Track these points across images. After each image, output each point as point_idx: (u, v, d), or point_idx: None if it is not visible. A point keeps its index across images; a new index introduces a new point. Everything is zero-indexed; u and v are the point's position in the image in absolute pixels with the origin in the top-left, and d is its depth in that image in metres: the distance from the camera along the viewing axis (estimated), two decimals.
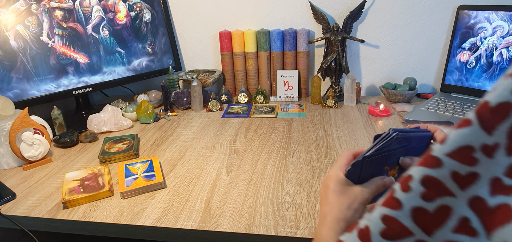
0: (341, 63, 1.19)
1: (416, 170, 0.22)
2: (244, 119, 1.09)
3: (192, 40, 1.35)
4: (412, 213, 0.22)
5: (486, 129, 0.20)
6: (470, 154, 0.20)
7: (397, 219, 0.23)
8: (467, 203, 0.21)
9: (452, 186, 0.21)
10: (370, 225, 0.24)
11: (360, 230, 0.24)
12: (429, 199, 0.22)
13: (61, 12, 1.06)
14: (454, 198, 0.21)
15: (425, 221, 0.22)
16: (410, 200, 0.22)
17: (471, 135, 0.20)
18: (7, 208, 0.69)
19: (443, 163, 0.21)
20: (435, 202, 0.22)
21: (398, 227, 0.23)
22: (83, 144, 0.97)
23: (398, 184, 0.23)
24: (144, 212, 0.66)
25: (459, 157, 0.21)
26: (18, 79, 0.99)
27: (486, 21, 1.06)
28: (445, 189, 0.21)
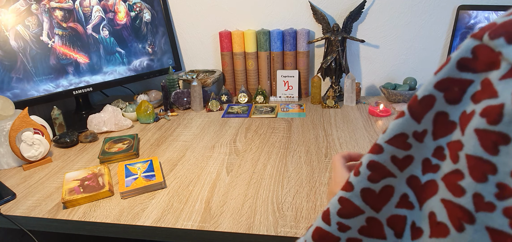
0: (341, 63, 1.19)
1: (364, 157, 0.26)
2: (244, 119, 1.09)
3: (192, 40, 1.35)
4: (361, 193, 0.26)
5: (416, 118, 0.23)
6: (405, 140, 0.24)
7: (350, 199, 0.26)
8: (405, 181, 0.24)
9: (392, 168, 0.25)
10: (330, 207, 0.27)
11: (323, 212, 0.28)
12: (375, 181, 0.25)
13: (61, 12, 1.06)
14: (395, 178, 0.25)
15: (373, 200, 0.25)
16: (360, 182, 0.26)
17: (404, 124, 0.24)
18: (7, 208, 0.69)
19: (384, 149, 0.25)
20: (379, 183, 0.25)
21: (351, 207, 0.26)
22: (83, 144, 0.98)
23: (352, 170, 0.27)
24: (144, 212, 0.66)
25: (396, 143, 0.24)
26: (18, 79, 0.99)
27: (486, 21, 1.06)
28: (387, 171, 0.25)
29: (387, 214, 0.25)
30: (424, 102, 0.23)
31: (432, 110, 0.23)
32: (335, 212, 0.27)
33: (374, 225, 0.26)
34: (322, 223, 0.28)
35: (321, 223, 0.28)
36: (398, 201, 0.25)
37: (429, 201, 0.23)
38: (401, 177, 0.24)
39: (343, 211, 0.26)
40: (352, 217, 0.26)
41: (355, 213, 0.26)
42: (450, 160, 0.22)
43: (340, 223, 0.26)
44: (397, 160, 0.24)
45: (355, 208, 0.26)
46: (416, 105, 0.23)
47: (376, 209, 0.25)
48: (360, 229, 0.26)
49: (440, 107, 0.23)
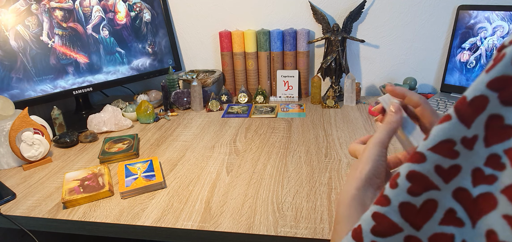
0: (341, 63, 1.19)
1: (403, 166, 0.23)
2: (244, 119, 1.09)
3: (192, 40, 1.35)
4: (400, 208, 0.23)
5: (465, 122, 0.21)
6: (451, 148, 0.21)
7: (386, 215, 0.23)
8: (451, 195, 0.22)
9: (436, 180, 0.22)
10: (362, 223, 0.24)
11: (353, 229, 0.25)
12: (415, 194, 0.22)
13: (61, 12, 1.06)
14: (438, 191, 0.22)
15: (413, 216, 0.23)
16: (397, 195, 0.23)
17: (451, 129, 0.21)
18: (7, 208, 0.69)
19: (427, 158, 0.22)
20: (421, 196, 0.22)
21: (387, 223, 0.23)
22: (83, 144, 0.98)
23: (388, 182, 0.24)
24: (144, 212, 0.66)
25: (441, 150, 0.22)
26: (18, 79, 0.99)
27: (486, 21, 1.06)
28: (430, 183, 0.22)
29: (429, 232, 0.22)
30: (475, 104, 0.20)
31: (485, 113, 0.20)
32: (368, 229, 0.24)
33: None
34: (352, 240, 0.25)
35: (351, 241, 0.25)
36: (443, 217, 0.22)
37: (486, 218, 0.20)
38: (446, 190, 0.22)
39: (378, 228, 0.23)
40: (389, 235, 0.23)
41: (392, 231, 0.23)
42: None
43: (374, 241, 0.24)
44: (442, 170, 0.22)
45: (392, 225, 0.23)
46: (466, 107, 0.21)
47: (416, 227, 0.22)
48: None
49: (494, 110, 0.20)
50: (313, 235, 0.57)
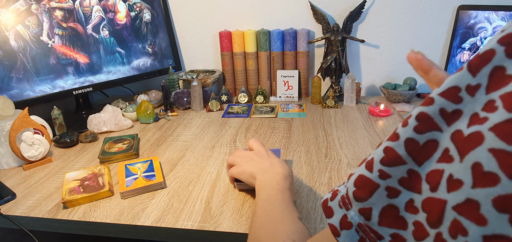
0: (341, 63, 1.19)
1: (415, 109, 0.26)
2: (244, 119, 1.09)
3: (192, 40, 1.35)
4: (405, 143, 0.25)
5: (471, 72, 0.23)
6: (457, 93, 0.24)
7: (394, 148, 0.26)
8: (449, 137, 0.24)
9: (440, 122, 0.24)
10: (374, 156, 0.27)
11: (367, 161, 0.28)
12: (420, 132, 0.25)
13: (61, 12, 1.06)
14: (441, 133, 0.24)
15: (416, 152, 0.25)
16: (405, 132, 0.25)
17: (460, 77, 0.24)
18: (7, 208, 0.69)
19: (435, 101, 0.24)
20: (424, 135, 0.24)
21: (394, 155, 0.26)
22: (83, 144, 0.98)
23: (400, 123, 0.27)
24: (144, 212, 0.66)
25: (447, 95, 0.24)
26: (18, 79, 0.99)
27: (486, 21, 1.06)
28: (434, 124, 0.24)
29: (427, 169, 0.24)
30: (484, 57, 0.23)
31: (490, 64, 0.22)
32: (378, 160, 0.27)
33: (414, 178, 0.25)
34: (365, 170, 0.28)
35: (364, 170, 0.28)
36: (440, 156, 0.24)
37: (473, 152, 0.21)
38: (447, 131, 0.24)
39: (386, 159, 0.26)
40: (394, 166, 0.26)
41: (397, 162, 0.25)
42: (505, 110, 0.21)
43: (381, 170, 0.26)
44: (445, 114, 0.24)
45: (397, 157, 0.25)
46: (475, 59, 0.23)
47: (418, 162, 0.25)
48: (400, 180, 0.26)
49: (499, 62, 0.22)
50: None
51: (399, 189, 0.26)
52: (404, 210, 0.25)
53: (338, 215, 0.29)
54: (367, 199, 0.27)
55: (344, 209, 0.29)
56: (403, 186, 0.26)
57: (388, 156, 0.26)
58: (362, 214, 0.27)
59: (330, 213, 0.30)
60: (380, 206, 0.26)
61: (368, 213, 0.27)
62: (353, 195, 0.28)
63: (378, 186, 0.26)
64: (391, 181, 0.26)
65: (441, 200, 0.23)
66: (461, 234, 0.21)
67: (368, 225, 0.27)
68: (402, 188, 0.26)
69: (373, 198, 0.27)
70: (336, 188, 0.31)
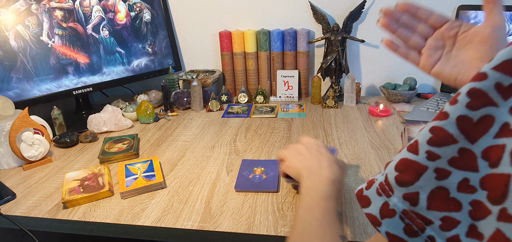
0: (341, 63, 1.19)
1: (464, 86, 0.24)
2: (244, 119, 1.09)
3: (192, 40, 1.35)
4: (457, 121, 0.23)
5: None
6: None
7: (443, 127, 0.24)
8: (509, 110, 0.22)
9: (495, 97, 0.22)
10: (419, 138, 0.26)
11: (409, 144, 0.26)
12: (474, 108, 0.23)
13: (61, 12, 1.06)
14: (497, 108, 0.22)
15: (469, 129, 0.23)
16: (456, 110, 0.24)
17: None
18: (7, 208, 0.69)
19: (488, 75, 0.23)
20: (479, 111, 0.23)
21: (444, 134, 0.24)
22: (83, 144, 0.98)
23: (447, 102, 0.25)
24: (144, 212, 0.66)
25: (503, 68, 0.22)
26: (18, 79, 0.99)
27: None
28: (489, 99, 0.23)
29: (483, 145, 0.23)
30: None
31: None
32: (424, 141, 0.25)
33: (467, 157, 0.24)
34: (409, 153, 0.26)
35: (407, 154, 0.26)
36: (498, 131, 0.22)
37: None
38: (504, 106, 0.22)
39: (435, 139, 0.24)
40: (444, 145, 0.24)
41: (447, 141, 0.24)
42: None
43: (429, 151, 0.25)
44: (501, 88, 0.22)
45: (448, 136, 0.24)
46: None
47: (471, 140, 0.23)
48: (450, 160, 0.24)
49: None
50: None
51: (449, 169, 0.24)
52: (456, 190, 0.24)
53: (377, 203, 0.27)
54: (414, 182, 0.25)
55: (385, 196, 0.27)
56: (454, 166, 0.24)
57: (438, 135, 0.24)
58: (407, 200, 0.26)
59: (366, 202, 0.28)
60: (428, 189, 0.25)
61: (415, 198, 0.25)
62: (396, 179, 0.26)
63: (425, 168, 0.25)
64: (441, 162, 0.24)
65: (504, 174, 0.21)
66: None
67: (415, 210, 0.25)
68: (452, 169, 0.24)
69: (420, 181, 0.25)
70: (372, 178, 0.30)
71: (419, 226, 0.25)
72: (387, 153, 0.83)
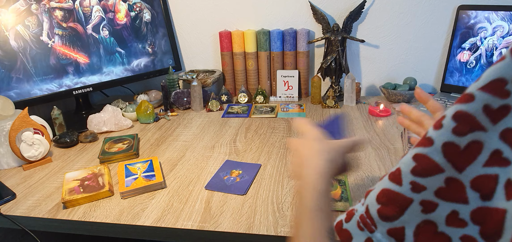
0: (341, 63, 1.19)
1: (449, 109, 0.22)
2: (244, 119, 1.09)
3: (192, 40, 1.35)
4: (443, 148, 0.22)
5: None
6: (503, 87, 0.20)
7: (428, 155, 0.22)
8: (498, 136, 0.21)
9: (483, 120, 0.21)
10: (401, 166, 0.24)
11: (391, 173, 0.24)
12: (461, 134, 0.21)
13: (61, 12, 1.06)
14: (485, 132, 0.21)
15: (456, 157, 0.22)
16: (441, 135, 0.22)
17: (504, 67, 0.20)
18: (7, 208, 0.69)
19: (476, 97, 0.21)
20: (466, 137, 0.21)
21: (428, 164, 0.22)
22: (83, 144, 0.97)
23: (431, 125, 0.23)
24: (144, 212, 0.66)
25: (491, 89, 0.20)
26: (18, 79, 0.99)
27: (486, 21, 1.06)
28: (477, 124, 0.21)
29: (472, 175, 0.21)
30: None
31: None
32: (408, 170, 0.23)
33: (455, 187, 0.22)
34: (391, 183, 0.24)
35: (390, 184, 0.24)
36: (488, 159, 0.21)
37: None
38: (493, 131, 0.21)
39: (419, 168, 0.23)
40: (429, 176, 0.22)
41: (432, 171, 0.22)
42: None
43: (413, 182, 0.23)
44: (490, 111, 0.21)
45: (433, 165, 0.22)
46: None
47: (458, 169, 0.22)
48: (437, 191, 0.22)
49: None
50: None
51: (436, 201, 0.22)
52: (444, 224, 0.22)
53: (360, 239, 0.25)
54: (398, 216, 0.23)
55: (367, 231, 0.25)
56: (441, 198, 0.22)
57: (422, 164, 0.23)
58: (392, 236, 0.24)
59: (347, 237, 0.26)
60: (414, 224, 0.23)
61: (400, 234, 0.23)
62: (378, 213, 0.24)
63: (411, 200, 0.23)
64: (427, 194, 0.23)
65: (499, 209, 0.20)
66: None
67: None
68: (440, 200, 0.22)
69: (405, 215, 0.23)
70: (351, 208, 0.27)
71: None
72: (387, 153, 0.83)
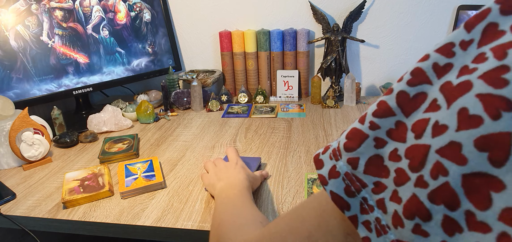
0: (341, 63, 1.19)
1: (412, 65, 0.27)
2: (244, 119, 1.09)
3: (192, 40, 1.35)
4: (397, 95, 0.26)
5: (467, 28, 0.24)
6: (451, 49, 0.25)
7: (386, 101, 0.27)
8: (439, 88, 0.25)
9: (431, 75, 0.25)
10: (368, 110, 0.29)
11: (361, 116, 0.29)
12: (412, 84, 0.26)
13: (61, 12, 1.06)
14: (430, 85, 0.25)
15: (405, 103, 0.26)
16: (399, 86, 0.27)
17: (456, 34, 0.25)
18: (7, 208, 0.69)
19: (430, 56, 0.26)
20: (415, 87, 0.26)
21: (385, 107, 0.27)
22: (83, 144, 0.98)
23: None
24: (144, 212, 0.66)
25: (442, 50, 0.25)
26: (18, 79, 0.99)
27: None
28: (425, 77, 0.25)
29: (414, 119, 0.25)
30: (480, 15, 0.24)
31: (484, 21, 0.24)
32: (371, 113, 0.28)
33: (400, 129, 0.26)
34: (357, 123, 0.29)
35: (357, 123, 0.29)
36: (427, 107, 0.25)
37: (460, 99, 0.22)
38: (436, 84, 0.25)
39: (378, 111, 0.27)
40: (383, 117, 0.27)
41: (386, 113, 0.27)
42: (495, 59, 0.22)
43: (372, 122, 0.27)
44: (437, 67, 0.25)
45: (388, 109, 0.26)
46: (472, 17, 0.24)
47: (405, 113, 0.26)
48: (388, 131, 0.27)
49: (493, 19, 0.23)
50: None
51: (385, 139, 0.27)
52: (387, 159, 0.26)
53: (328, 166, 0.30)
54: (356, 149, 0.28)
55: (334, 160, 0.30)
56: (390, 137, 0.27)
57: (380, 107, 0.27)
58: (349, 164, 0.28)
59: (320, 164, 0.31)
60: (367, 156, 0.27)
61: (356, 162, 0.28)
62: (344, 146, 0.29)
63: (367, 136, 0.27)
64: (380, 132, 0.27)
65: (425, 145, 0.24)
66: (442, 174, 0.22)
67: (354, 173, 0.28)
68: (388, 139, 0.27)
69: (361, 148, 0.28)
70: (329, 144, 0.32)
71: (356, 187, 0.28)
72: None
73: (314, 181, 0.71)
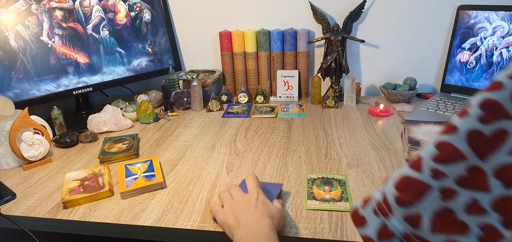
0: (341, 63, 1.19)
1: (476, 97, 0.22)
2: (244, 119, 1.09)
3: (192, 40, 1.35)
4: (468, 136, 0.22)
5: None
6: None
7: (451, 143, 0.22)
8: None
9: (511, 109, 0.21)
10: (423, 154, 0.24)
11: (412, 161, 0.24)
12: (487, 122, 0.21)
13: (61, 12, 1.06)
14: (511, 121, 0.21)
15: (480, 145, 0.21)
16: (467, 123, 0.22)
17: None
18: (7, 208, 0.69)
19: (504, 85, 0.21)
20: (492, 125, 0.21)
21: (451, 150, 0.22)
22: (83, 144, 0.97)
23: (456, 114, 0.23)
24: (144, 212, 0.66)
25: None
26: (18, 79, 0.99)
27: (486, 21, 1.06)
28: (504, 112, 0.21)
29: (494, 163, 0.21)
30: None
31: None
32: (429, 157, 0.23)
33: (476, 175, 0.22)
34: (410, 170, 0.24)
35: (409, 171, 0.24)
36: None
37: None
38: None
39: (441, 155, 0.22)
40: (451, 163, 0.22)
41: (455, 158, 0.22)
42: None
43: (434, 169, 0.23)
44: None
45: (456, 152, 0.22)
46: None
47: (482, 156, 0.21)
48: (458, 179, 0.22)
49: None
50: (313, 235, 0.57)
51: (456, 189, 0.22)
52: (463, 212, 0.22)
53: (374, 224, 0.25)
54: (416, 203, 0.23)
55: (382, 216, 0.25)
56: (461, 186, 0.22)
57: (445, 151, 0.22)
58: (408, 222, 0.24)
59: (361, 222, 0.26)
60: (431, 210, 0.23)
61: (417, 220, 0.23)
62: (396, 199, 0.24)
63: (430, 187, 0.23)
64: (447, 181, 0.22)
65: None
66: None
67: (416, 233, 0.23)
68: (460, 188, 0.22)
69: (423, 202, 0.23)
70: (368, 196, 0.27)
71: None
72: (387, 153, 0.83)
73: (314, 181, 0.71)
